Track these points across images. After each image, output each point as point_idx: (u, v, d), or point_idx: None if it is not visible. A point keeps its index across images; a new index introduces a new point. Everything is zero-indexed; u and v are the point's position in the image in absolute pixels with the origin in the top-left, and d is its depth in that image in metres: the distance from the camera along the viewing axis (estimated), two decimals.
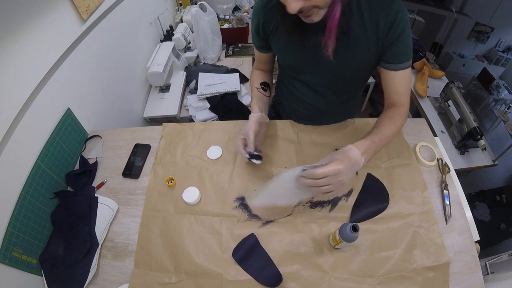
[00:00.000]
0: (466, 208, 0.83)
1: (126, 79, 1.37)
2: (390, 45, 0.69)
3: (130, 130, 1.05)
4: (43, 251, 0.79)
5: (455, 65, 2.88)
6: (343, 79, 0.80)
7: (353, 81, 0.84)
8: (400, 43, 0.68)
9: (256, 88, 0.93)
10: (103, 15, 1.10)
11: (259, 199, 0.75)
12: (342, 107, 0.93)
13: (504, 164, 1.99)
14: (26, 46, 0.76)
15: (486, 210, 2.14)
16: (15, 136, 0.74)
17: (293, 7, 0.55)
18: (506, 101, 2.39)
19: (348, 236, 0.64)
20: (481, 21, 2.70)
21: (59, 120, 0.90)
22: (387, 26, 0.66)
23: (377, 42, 0.69)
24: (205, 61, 1.79)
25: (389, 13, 0.64)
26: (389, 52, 0.70)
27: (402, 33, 0.67)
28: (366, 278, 0.71)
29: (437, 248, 0.74)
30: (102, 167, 0.95)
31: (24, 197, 0.75)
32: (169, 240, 0.78)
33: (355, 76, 0.81)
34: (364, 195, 0.83)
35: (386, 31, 0.67)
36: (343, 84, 0.83)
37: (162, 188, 0.88)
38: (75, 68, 0.97)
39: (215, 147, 0.95)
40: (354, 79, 0.82)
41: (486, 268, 0.94)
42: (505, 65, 2.72)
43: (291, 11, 0.55)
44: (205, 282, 0.72)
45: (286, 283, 0.71)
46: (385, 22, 0.65)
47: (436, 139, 0.99)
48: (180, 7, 1.98)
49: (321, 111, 0.92)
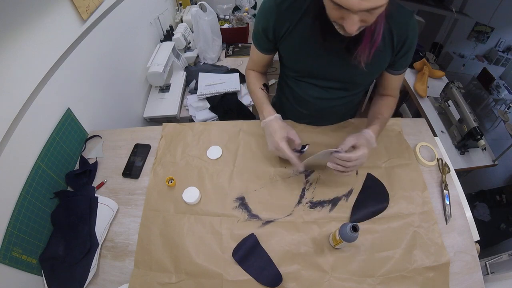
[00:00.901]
0: (466, 208, 0.83)
1: (126, 79, 1.37)
2: (400, 58, 0.76)
3: (130, 130, 1.05)
4: (43, 251, 0.79)
5: (455, 65, 2.88)
6: (356, 85, 0.85)
7: (363, 86, 0.88)
8: (408, 56, 0.76)
9: (260, 88, 0.90)
10: (103, 15, 1.10)
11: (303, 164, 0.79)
12: (344, 108, 0.94)
13: (504, 164, 1.99)
14: (26, 46, 0.76)
15: (486, 210, 2.14)
16: (15, 136, 0.74)
17: (353, 29, 0.56)
18: (506, 101, 2.39)
19: (348, 236, 0.64)
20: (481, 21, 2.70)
21: (59, 120, 0.90)
22: (401, 40, 0.72)
23: (392, 53, 0.74)
24: (205, 61, 1.79)
25: (406, 28, 0.70)
26: (397, 63, 0.78)
27: (411, 48, 0.74)
28: (366, 278, 0.71)
29: (437, 248, 0.74)
30: (102, 167, 0.95)
31: (24, 197, 0.75)
32: (169, 240, 0.78)
33: (367, 83, 0.88)
34: (364, 195, 0.83)
35: (400, 45, 0.73)
36: (353, 88, 0.86)
37: (162, 188, 0.88)
38: (75, 68, 0.97)
39: (215, 147, 0.95)
40: (364, 84, 0.87)
41: (486, 268, 0.94)
42: (505, 65, 2.72)
43: (351, 33, 0.57)
44: (205, 282, 0.72)
45: (286, 283, 0.71)
46: (400, 36, 0.71)
47: (436, 139, 0.99)
48: (180, 7, 1.98)
49: (324, 112, 0.91)
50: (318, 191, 0.85)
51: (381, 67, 0.79)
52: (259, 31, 0.78)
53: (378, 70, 0.80)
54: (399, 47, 0.73)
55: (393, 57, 0.75)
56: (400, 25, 0.69)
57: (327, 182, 0.86)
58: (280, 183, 0.87)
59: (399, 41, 0.71)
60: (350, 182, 0.86)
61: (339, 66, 0.76)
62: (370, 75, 0.80)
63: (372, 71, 0.78)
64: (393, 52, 0.74)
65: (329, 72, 0.79)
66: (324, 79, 0.82)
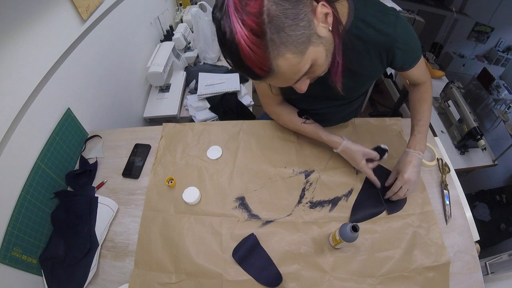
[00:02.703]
0: (466, 208, 0.83)
1: (126, 79, 1.37)
2: (403, 60, 0.69)
3: (130, 130, 1.05)
4: (43, 251, 0.79)
5: (455, 65, 2.89)
6: (349, 97, 0.82)
7: (358, 94, 0.86)
8: (409, 52, 0.68)
9: (304, 124, 0.86)
10: (103, 15, 1.10)
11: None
12: (343, 113, 0.94)
13: (504, 164, 1.99)
14: (26, 46, 0.75)
15: (486, 210, 2.14)
16: (15, 136, 0.74)
17: (303, 89, 0.55)
18: (506, 101, 2.39)
19: (348, 236, 0.64)
20: (481, 21, 2.71)
21: (59, 120, 0.90)
22: (391, 41, 0.64)
23: (381, 59, 0.67)
24: (205, 61, 1.79)
25: (393, 29, 0.63)
26: (406, 64, 0.71)
27: (407, 42, 0.65)
28: (366, 278, 0.71)
29: (437, 248, 0.74)
30: (102, 167, 0.95)
31: (24, 197, 0.75)
32: (169, 240, 0.78)
33: (363, 91, 0.84)
34: (364, 195, 0.83)
35: (391, 55, 0.66)
36: (347, 99, 0.84)
37: (162, 188, 0.88)
38: (75, 68, 0.97)
39: (215, 147, 0.95)
40: (359, 92, 0.84)
41: (486, 268, 0.94)
42: (505, 65, 2.72)
43: (302, 92, 0.56)
44: (205, 282, 0.72)
45: (286, 283, 0.71)
46: (389, 38, 0.63)
47: (436, 139, 0.99)
48: (180, 7, 1.98)
49: (323, 118, 0.91)
50: (318, 191, 0.85)
51: (370, 78, 0.75)
52: None
53: (367, 81, 0.77)
54: (390, 55, 0.66)
55: (390, 64, 0.70)
56: (379, 31, 0.63)
57: (327, 182, 0.86)
58: (280, 183, 0.87)
59: (385, 48, 0.65)
60: (350, 182, 0.86)
61: (325, 94, 0.77)
62: (362, 85, 0.77)
63: (359, 85, 0.76)
64: (384, 61, 0.68)
65: (321, 95, 0.80)
66: (314, 97, 0.82)
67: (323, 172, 0.88)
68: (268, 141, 0.96)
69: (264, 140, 0.97)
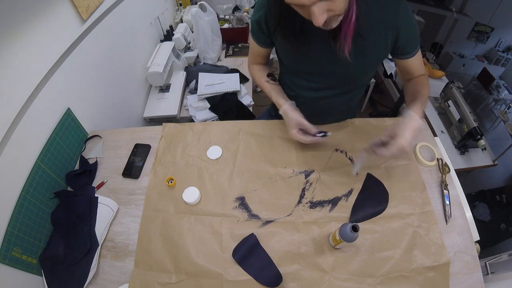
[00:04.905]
0: (466, 208, 0.83)
1: (126, 79, 1.37)
2: (405, 40, 0.73)
3: (130, 130, 1.05)
4: (43, 251, 0.79)
5: (455, 65, 2.88)
6: (350, 79, 0.83)
7: (359, 80, 0.87)
8: (411, 34, 0.73)
9: (266, 82, 0.92)
10: (103, 15, 1.10)
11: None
12: (343, 107, 0.94)
13: (504, 164, 1.98)
14: (26, 46, 0.76)
15: (486, 210, 2.14)
16: (15, 136, 0.74)
17: (320, 20, 0.54)
18: (506, 101, 2.39)
19: (348, 236, 0.64)
20: (481, 21, 2.70)
21: (59, 120, 0.90)
22: (393, 26, 0.70)
23: (387, 37, 0.72)
24: (205, 61, 1.79)
25: (396, 7, 0.68)
26: (407, 46, 0.76)
27: (409, 25, 0.71)
28: (366, 278, 0.71)
29: (437, 248, 0.74)
30: (102, 167, 0.95)
31: (24, 197, 0.75)
32: (169, 240, 0.78)
33: (364, 76, 0.85)
34: (364, 195, 0.83)
35: (396, 32, 0.71)
36: (350, 84, 0.85)
37: (162, 188, 0.88)
38: (75, 68, 0.97)
39: (215, 147, 0.95)
40: (361, 78, 0.86)
41: (486, 268, 0.94)
42: (505, 65, 2.72)
43: (318, 24, 0.54)
44: (205, 282, 0.72)
45: (286, 283, 0.71)
46: (392, 15, 0.69)
47: (436, 139, 0.99)
48: (180, 7, 1.98)
49: (323, 111, 0.92)
50: (318, 191, 0.85)
51: (375, 59, 0.77)
52: (254, 24, 0.80)
53: (372, 63, 0.79)
54: (394, 34, 0.71)
55: (393, 45, 0.74)
56: (389, 4, 0.68)
57: (327, 182, 0.86)
58: (280, 183, 0.87)
59: (393, 19, 0.69)
60: (350, 182, 0.86)
61: (330, 62, 0.77)
62: (362, 68, 0.79)
63: (365, 63, 0.77)
64: (388, 41, 0.72)
65: (321, 70, 0.80)
66: (318, 75, 0.82)
67: (323, 172, 0.88)
68: (268, 141, 0.96)
69: (264, 140, 0.97)
